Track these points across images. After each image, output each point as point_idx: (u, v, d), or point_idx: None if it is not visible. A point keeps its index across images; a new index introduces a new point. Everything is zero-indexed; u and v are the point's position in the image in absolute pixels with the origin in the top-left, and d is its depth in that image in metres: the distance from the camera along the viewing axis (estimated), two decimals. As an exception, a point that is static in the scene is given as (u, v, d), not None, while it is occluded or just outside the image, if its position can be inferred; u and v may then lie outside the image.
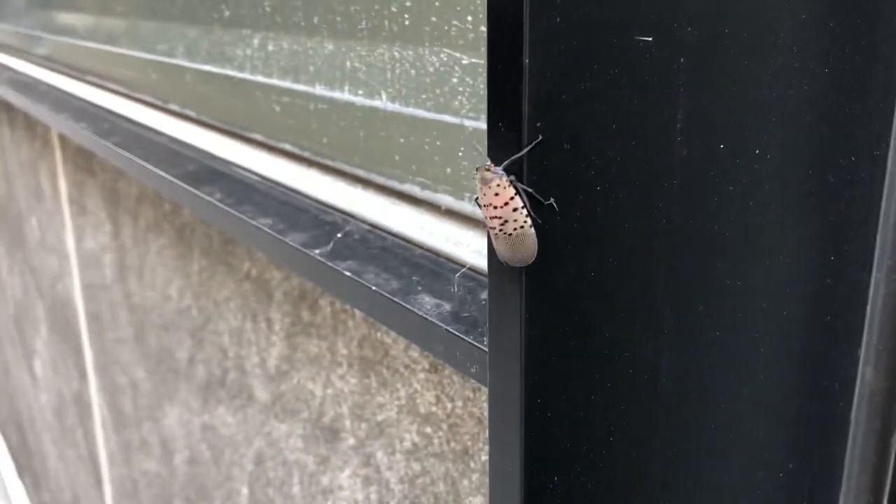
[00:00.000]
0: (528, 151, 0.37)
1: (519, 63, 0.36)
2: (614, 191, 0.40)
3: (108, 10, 1.15)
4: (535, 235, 0.38)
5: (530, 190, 0.38)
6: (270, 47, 0.75)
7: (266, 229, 0.65)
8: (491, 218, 0.39)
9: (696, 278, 0.46)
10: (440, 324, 0.48)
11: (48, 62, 1.58)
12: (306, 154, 0.74)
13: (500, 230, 0.39)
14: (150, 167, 0.87)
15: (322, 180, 0.72)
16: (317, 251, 0.60)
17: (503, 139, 0.39)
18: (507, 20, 0.36)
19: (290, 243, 0.61)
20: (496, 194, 0.39)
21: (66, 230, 1.76)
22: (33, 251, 2.14)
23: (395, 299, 0.52)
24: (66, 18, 1.43)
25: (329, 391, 0.85)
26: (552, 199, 0.38)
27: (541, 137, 0.37)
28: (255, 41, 0.77)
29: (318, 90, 0.69)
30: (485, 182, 0.39)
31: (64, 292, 1.86)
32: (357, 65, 0.63)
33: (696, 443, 0.49)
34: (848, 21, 0.47)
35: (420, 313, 0.50)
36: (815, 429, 0.52)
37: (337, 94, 0.66)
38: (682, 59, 0.41)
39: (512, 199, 0.38)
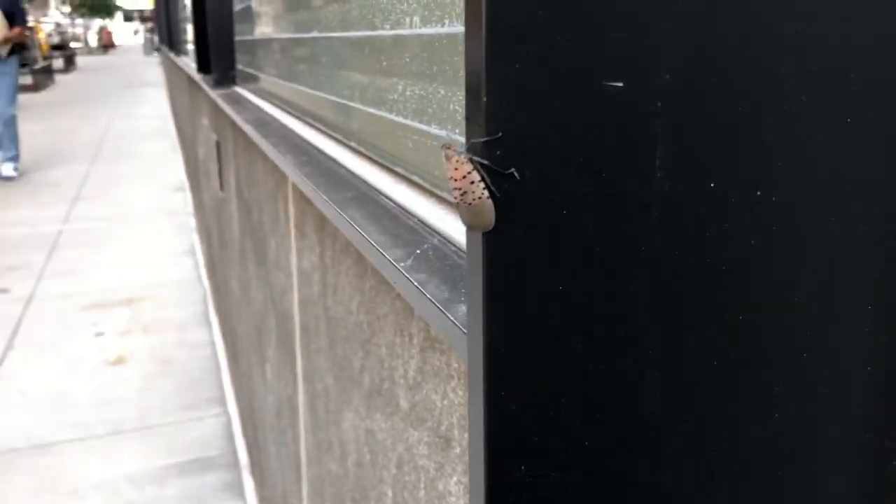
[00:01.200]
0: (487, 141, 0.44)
1: (479, 98, 0.43)
2: (582, 219, 0.46)
3: (316, 60, 1.35)
4: (491, 205, 0.44)
5: (486, 162, 0.44)
6: (408, 93, 0.86)
7: (409, 278, 0.74)
8: (454, 189, 0.46)
9: (687, 305, 0.49)
10: (464, 331, 0.55)
11: (281, 103, 1.84)
12: (427, 185, 0.84)
13: (462, 200, 0.45)
14: (323, 196, 1.01)
15: (439, 210, 0.82)
16: (402, 264, 0.69)
17: (472, 132, 0.46)
18: (471, 59, 0.43)
19: (429, 297, 0.68)
20: (455, 169, 0.45)
21: (292, 251, 2.00)
22: (271, 269, 2.44)
23: (439, 306, 0.60)
24: (292, 66, 1.66)
25: (445, 402, 0.93)
26: (512, 170, 0.44)
27: (498, 136, 0.43)
28: (399, 87, 0.89)
29: (434, 129, 0.79)
30: (447, 157, 0.46)
31: (287, 306, 2.11)
32: (458, 108, 0.73)
33: (690, 468, 0.51)
34: (871, 70, 0.49)
35: (451, 319, 0.57)
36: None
37: (444, 133, 0.76)
38: (659, 104, 0.46)
39: (469, 173, 0.45)
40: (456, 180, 0.46)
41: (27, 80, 16.69)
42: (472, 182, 0.45)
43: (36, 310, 4.82)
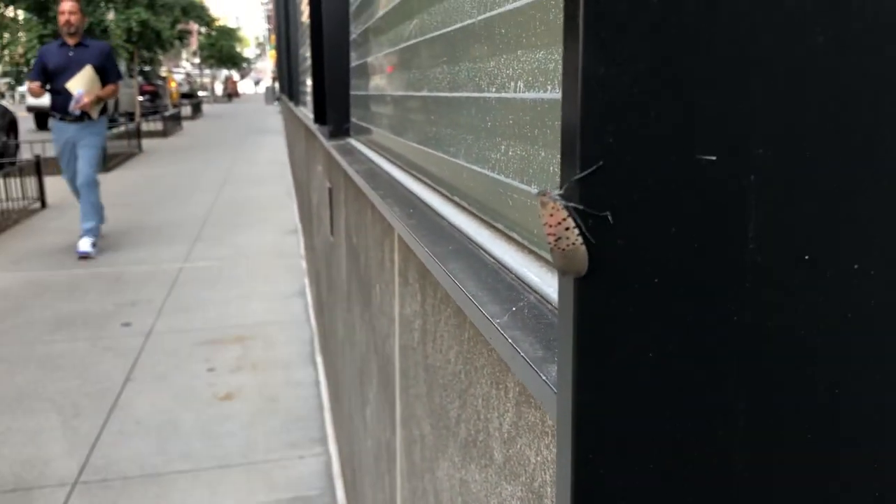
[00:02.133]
0: (582, 177, 0.45)
1: (573, 160, 0.45)
2: (673, 286, 0.47)
3: (425, 117, 1.40)
4: (585, 252, 0.46)
5: (581, 207, 0.46)
6: (510, 152, 0.89)
7: (504, 335, 0.77)
8: (549, 235, 0.47)
9: (779, 379, 0.49)
10: (554, 390, 0.57)
11: (391, 156, 1.91)
12: (525, 242, 0.86)
13: (556, 245, 0.47)
14: (425, 249, 1.05)
15: (536, 266, 0.83)
16: (497, 321, 0.71)
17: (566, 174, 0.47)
18: (567, 136, 0.45)
19: (522, 355, 0.70)
20: (550, 215, 0.47)
21: (395, 298, 2.05)
22: (375, 313, 2.49)
23: (532, 365, 0.61)
24: (402, 122, 1.73)
25: (539, 458, 0.94)
26: (608, 213, 0.45)
27: (597, 166, 0.45)
28: (502, 147, 0.92)
29: (532, 189, 0.81)
30: (542, 204, 0.47)
31: (388, 350, 2.15)
32: (555, 169, 0.75)
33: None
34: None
35: (543, 377, 0.59)
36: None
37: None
38: (752, 177, 0.46)
39: (564, 219, 0.46)
40: (551, 226, 0.47)
41: (157, 125, 17.76)
42: (567, 228, 0.46)
43: (154, 344, 5.06)
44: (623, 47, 0.43)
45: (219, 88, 42.10)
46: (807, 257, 0.48)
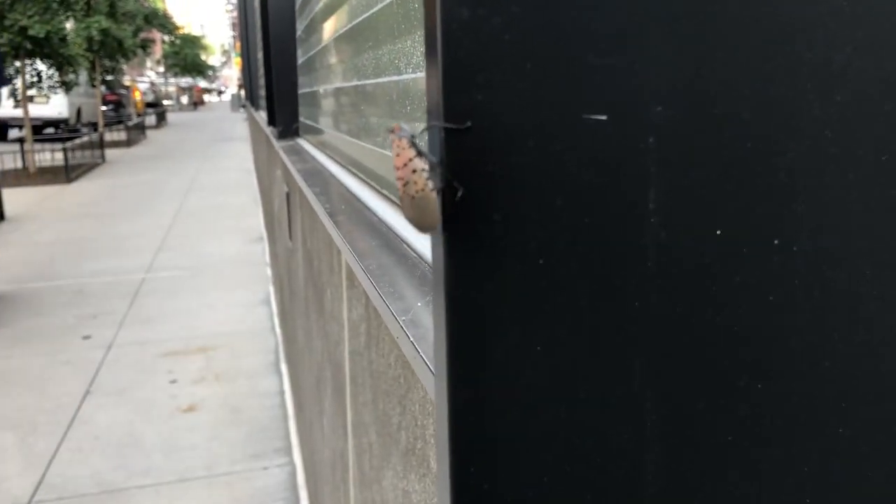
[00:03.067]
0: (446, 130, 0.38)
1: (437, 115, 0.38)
2: (562, 267, 0.40)
3: (354, 107, 1.33)
4: (437, 199, 0.38)
5: (434, 160, 0.38)
6: (427, 136, 0.82)
7: (406, 333, 0.70)
8: (398, 179, 0.40)
9: (689, 372, 0.42)
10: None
11: (331, 153, 1.83)
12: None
13: (404, 191, 0.39)
14: (348, 246, 0.97)
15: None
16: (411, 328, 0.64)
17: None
18: (430, 91, 0.38)
19: (422, 356, 0.64)
20: (397, 154, 0.39)
21: (343, 302, 1.97)
22: (328, 319, 2.42)
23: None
24: (336, 115, 1.66)
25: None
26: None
27: (465, 126, 0.38)
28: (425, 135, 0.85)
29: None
30: (391, 143, 0.40)
31: (339, 357, 2.08)
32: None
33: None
34: None
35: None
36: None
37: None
38: (650, 139, 0.40)
39: (411, 160, 0.38)
40: (398, 168, 0.40)
41: (121, 135, 17.51)
42: (415, 171, 0.39)
43: (115, 356, 4.94)
44: (489, -14, 0.36)
45: (184, 97, 41.65)
46: (718, 232, 0.41)
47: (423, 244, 0.88)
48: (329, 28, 1.64)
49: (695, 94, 0.40)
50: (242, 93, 17.39)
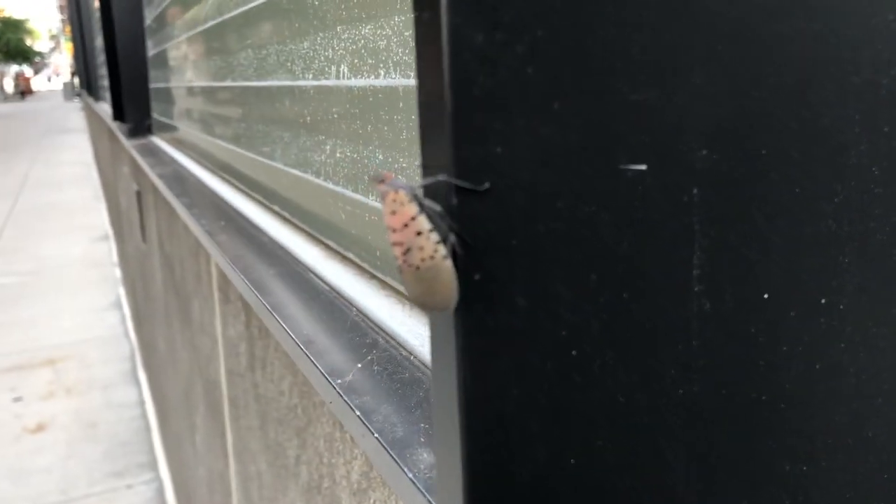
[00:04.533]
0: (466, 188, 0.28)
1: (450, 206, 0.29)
2: (597, 357, 0.32)
3: (232, 111, 1.20)
4: (451, 269, 0.29)
5: (438, 208, 0.29)
6: (338, 154, 0.72)
7: (303, 349, 0.61)
8: (393, 245, 0.30)
9: (734, 464, 0.35)
10: (426, 494, 0.41)
11: (198, 156, 1.67)
12: (366, 265, 0.69)
13: (404, 261, 0.30)
14: (241, 276, 0.86)
15: (379, 296, 0.67)
16: (338, 381, 0.54)
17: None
18: (433, 157, 0.29)
19: (318, 366, 0.56)
20: (393, 212, 0.30)
21: (216, 316, 1.83)
22: (196, 331, 2.25)
23: (391, 453, 0.45)
24: (207, 117, 1.51)
25: (398, 519, 0.78)
26: (486, 184, 0.29)
27: (487, 186, 0.28)
28: (328, 147, 0.75)
29: (371, 201, 0.64)
30: (382, 196, 0.30)
31: (214, 374, 1.93)
32: (401, 176, 0.59)
33: None
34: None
35: (409, 476, 0.42)
36: None
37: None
38: (694, 190, 0.32)
39: (413, 219, 0.29)
40: (395, 230, 0.30)
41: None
42: (420, 233, 0.29)
43: (-54, 377, 4.48)
44: (511, 4, 0.27)
45: (9, 85, 38.52)
46: (766, 296, 0.34)
47: (330, 271, 0.78)
48: (192, 19, 1.48)
49: (740, 133, 0.32)
50: (76, 80, 16.28)
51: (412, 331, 0.59)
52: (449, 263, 0.29)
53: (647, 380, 0.33)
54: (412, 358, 0.56)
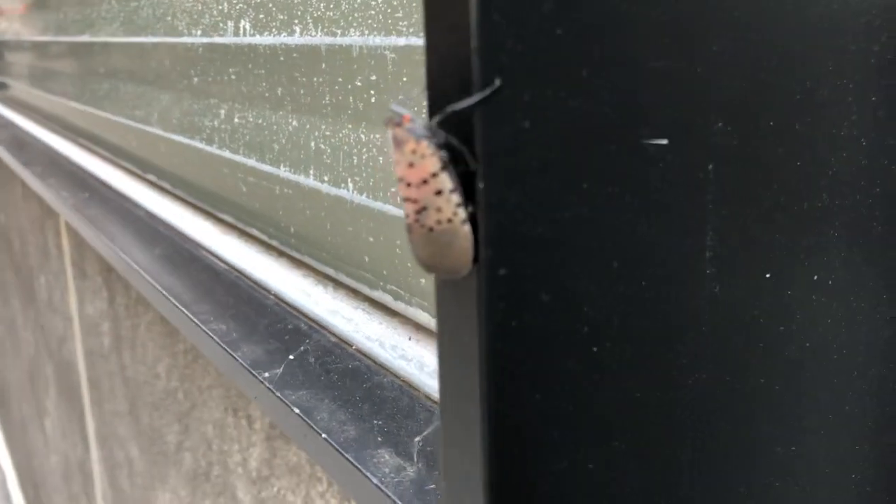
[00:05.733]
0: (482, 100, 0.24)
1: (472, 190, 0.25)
2: (616, 352, 0.29)
3: (92, 70, 1.08)
4: (470, 235, 0.25)
5: (463, 149, 0.24)
6: (237, 119, 0.65)
7: (217, 339, 0.55)
8: (405, 200, 0.26)
9: (734, 451, 0.34)
10: (396, 500, 0.37)
11: (47, 120, 1.52)
12: (274, 243, 0.64)
13: (416, 220, 0.26)
14: (116, 249, 0.77)
15: (289, 276, 0.62)
16: (266, 374, 0.49)
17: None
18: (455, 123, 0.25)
19: (240, 361, 0.50)
20: (410, 164, 0.25)
21: (70, 293, 1.68)
22: (43, 310, 2.07)
23: (348, 456, 0.41)
24: (57, 76, 1.36)
25: (309, 508, 0.74)
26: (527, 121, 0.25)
27: (498, 83, 0.24)
28: (222, 112, 0.68)
29: (283, 172, 0.59)
30: (397, 143, 0.25)
31: (68, 355, 1.78)
32: (322, 146, 0.53)
33: None
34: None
35: (374, 480, 0.38)
36: None
37: (302, 179, 0.56)
38: (710, 166, 0.30)
39: (434, 175, 0.25)
40: (410, 185, 0.25)
41: None
42: (440, 192, 0.25)
43: None
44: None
45: None
46: (767, 275, 0.33)
47: (230, 248, 0.72)
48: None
49: (752, 105, 0.30)
50: None
51: (338, 313, 0.54)
52: (468, 228, 0.25)
53: (660, 373, 0.31)
54: (345, 345, 0.52)
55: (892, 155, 0.33)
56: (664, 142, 0.28)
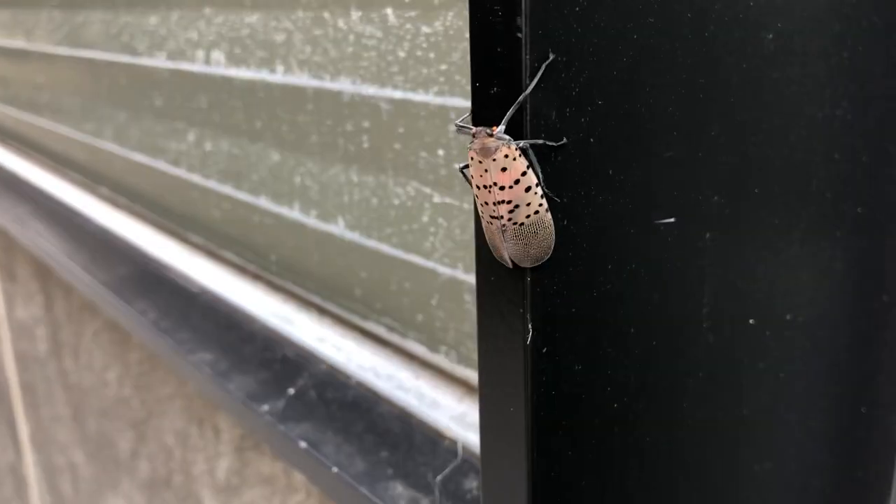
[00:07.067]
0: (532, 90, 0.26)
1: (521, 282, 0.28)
2: (633, 406, 0.33)
3: (29, 78, 1.05)
4: (552, 222, 0.28)
5: (547, 142, 0.27)
6: (208, 146, 0.66)
7: (208, 369, 0.56)
8: (496, 204, 0.28)
9: (723, 474, 0.38)
10: (419, 532, 0.40)
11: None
12: (252, 267, 0.65)
13: (510, 219, 0.28)
14: (79, 270, 0.77)
15: (267, 300, 0.63)
16: (266, 407, 0.51)
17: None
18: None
19: (236, 394, 0.52)
20: (503, 169, 0.27)
21: (-3, 294, 1.63)
22: (-37, 310, 2.00)
23: (362, 489, 0.43)
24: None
25: (286, 517, 0.76)
26: (564, 139, 0.28)
27: (552, 57, 0.26)
28: (191, 137, 0.68)
29: (263, 202, 0.60)
30: (485, 153, 0.27)
31: (-4, 358, 1.73)
32: (308, 182, 0.55)
33: None
34: (887, 160, 0.41)
35: (394, 513, 0.41)
36: None
37: (285, 210, 0.58)
38: (707, 235, 0.34)
39: (524, 174, 0.27)
40: (504, 188, 0.27)
41: None
42: (529, 189, 0.27)
43: None
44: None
45: None
46: (751, 321, 0.37)
47: (203, 271, 0.72)
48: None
49: (741, 176, 0.35)
50: None
51: (326, 341, 0.57)
52: (550, 216, 0.28)
53: (666, 418, 0.34)
54: (337, 373, 0.54)
55: (856, 202, 0.38)
56: (672, 220, 0.32)
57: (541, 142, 0.27)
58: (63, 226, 0.93)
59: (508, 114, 0.26)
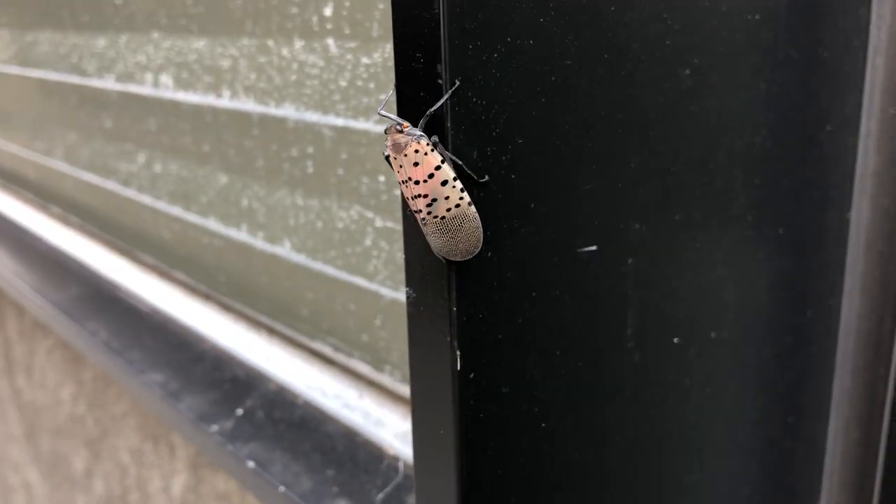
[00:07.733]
0: (449, 99, 0.27)
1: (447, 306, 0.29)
2: (560, 425, 0.34)
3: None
4: (476, 215, 0.29)
5: (458, 161, 0.28)
6: (157, 168, 0.66)
7: (159, 389, 0.57)
8: (414, 198, 0.29)
9: (650, 486, 0.40)
10: (362, 550, 0.41)
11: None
12: (202, 287, 0.66)
13: (429, 212, 0.29)
14: (29, 290, 0.77)
15: (220, 320, 0.64)
16: (216, 427, 0.52)
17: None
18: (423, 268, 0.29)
19: (187, 414, 0.53)
20: (415, 164, 0.28)
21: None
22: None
23: (308, 508, 0.44)
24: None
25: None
26: (486, 177, 0.29)
27: (458, 82, 0.27)
28: (141, 158, 0.69)
29: (212, 224, 0.61)
30: (397, 149, 0.28)
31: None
32: (255, 205, 0.56)
33: None
34: (806, 183, 0.43)
35: (337, 531, 0.43)
36: None
37: (233, 233, 0.59)
38: (630, 261, 0.36)
39: (438, 168, 0.28)
40: (419, 182, 0.28)
41: None
42: (445, 182, 0.28)
43: None
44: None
45: None
46: (676, 340, 0.39)
47: (153, 290, 0.73)
48: None
49: (661, 204, 0.36)
50: None
51: (275, 359, 0.57)
52: (474, 210, 0.29)
53: (594, 435, 0.36)
54: (285, 392, 0.55)
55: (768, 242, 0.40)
56: (594, 248, 0.34)
57: (460, 162, 0.28)
58: (14, 245, 0.92)
59: (422, 121, 0.28)
